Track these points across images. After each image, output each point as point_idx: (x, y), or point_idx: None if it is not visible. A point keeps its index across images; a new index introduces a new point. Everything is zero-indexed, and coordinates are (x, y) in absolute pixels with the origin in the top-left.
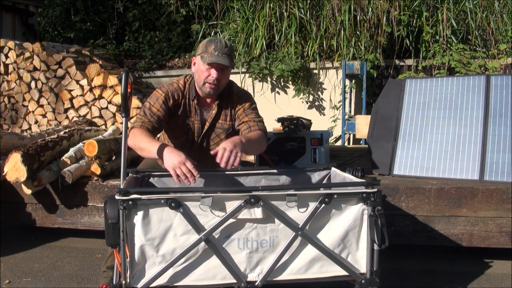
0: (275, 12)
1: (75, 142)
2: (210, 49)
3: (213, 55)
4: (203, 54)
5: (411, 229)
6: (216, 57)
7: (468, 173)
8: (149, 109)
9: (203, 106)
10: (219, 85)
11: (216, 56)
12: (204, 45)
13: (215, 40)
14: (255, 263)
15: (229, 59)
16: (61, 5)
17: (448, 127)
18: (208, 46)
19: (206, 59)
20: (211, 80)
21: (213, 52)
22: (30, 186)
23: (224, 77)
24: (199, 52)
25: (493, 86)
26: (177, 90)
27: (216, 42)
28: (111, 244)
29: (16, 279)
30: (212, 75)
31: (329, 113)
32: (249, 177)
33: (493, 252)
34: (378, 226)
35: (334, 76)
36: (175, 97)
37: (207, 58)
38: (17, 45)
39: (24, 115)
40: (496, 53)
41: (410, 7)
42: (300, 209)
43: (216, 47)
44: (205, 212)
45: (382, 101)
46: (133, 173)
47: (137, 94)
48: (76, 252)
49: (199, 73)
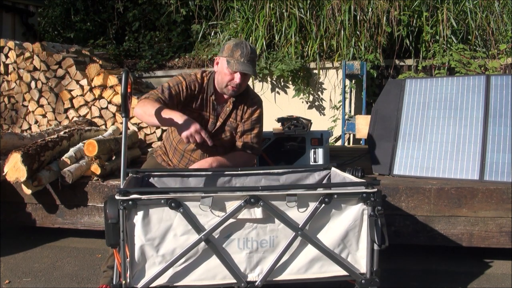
0: (275, 12)
1: (75, 142)
2: (236, 54)
3: (239, 63)
4: (229, 59)
5: (411, 229)
6: (242, 65)
7: (468, 173)
8: (168, 89)
9: (219, 103)
10: (239, 89)
11: (242, 63)
12: (230, 49)
13: (241, 45)
14: (255, 263)
15: (253, 67)
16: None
17: (448, 127)
18: (235, 51)
19: (232, 65)
20: (234, 84)
21: (239, 58)
22: (30, 186)
23: (245, 82)
24: (225, 55)
25: (493, 86)
26: (194, 82)
27: (243, 48)
28: (111, 244)
29: (16, 279)
30: (235, 80)
31: (329, 113)
32: (249, 177)
33: (493, 252)
34: (378, 226)
35: (334, 76)
36: (192, 87)
37: (234, 65)
38: (17, 45)
39: (24, 115)
40: (496, 53)
41: (410, 7)
42: (300, 209)
43: (242, 53)
44: (205, 212)
45: (382, 101)
46: (133, 173)
47: (137, 94)
48: (76, 252)
49: (222, 75)
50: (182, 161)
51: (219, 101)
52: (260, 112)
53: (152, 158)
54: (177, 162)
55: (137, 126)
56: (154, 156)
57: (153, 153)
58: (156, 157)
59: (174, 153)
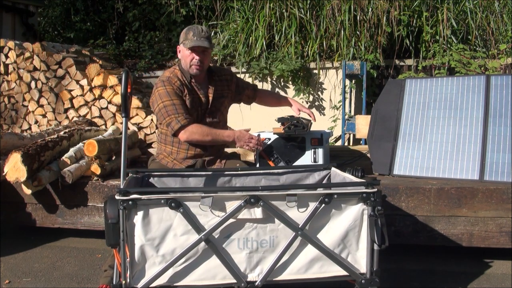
0: (275, 12)
1: (75, 142)
2: (189, 35)
3: (192, 40)
4: (184, 41)
5: (411, 229)
6: (196, 41)
7: (468, 173)
8: (172, 105)
9: (201, 83)
10: (203, 66)
11: (195, 40)
12: (184, 33)
13: (192, 27)
14: (255, 263)
15: (208, 41)
16: (61, 5)
17: (448, 127)
18: (187, 33)
19: (187, 44)
20: (196, 62)
21: (192, 37)
22: (30, 186)
23: (206, 57)
24: (181, 40)
25: (493, 86)
26: (171, 78)
27: (194, 29)
28: (111, 244)
29: (16, 279)
30: (195, 58)
31: (329, 113)
32: (249, 177)
33: (493, 252)
34: (378, 226)
35: (334, 76)
36: (177, 82)
37: (188, 44)
38: (17, 45)
39: (24, 115)
40: (496, 53)
41: (410, 7)
42: (300, 209)
43: (194, 33)
44: (205, 212)
45: (382, 101)
46: (133, 173)
47: (137, 94)
48: (76, 252)
49: (184, 59)
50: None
51: (200, 83)
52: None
53: (155, 163)
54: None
55: (137, 126)
56: (157, 161)
57: (154, 159)
58: (159, 161)
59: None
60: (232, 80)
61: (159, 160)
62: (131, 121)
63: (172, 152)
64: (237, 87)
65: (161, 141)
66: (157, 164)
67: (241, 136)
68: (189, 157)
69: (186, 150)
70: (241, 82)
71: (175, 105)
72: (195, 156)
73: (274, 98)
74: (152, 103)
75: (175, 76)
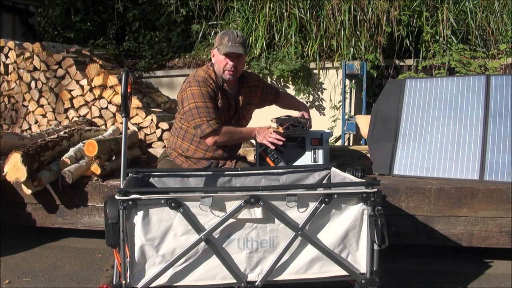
0: (275, 12)
1: (75, 142)
2: (224, 41)
3: (227, 46)
4: (219, 46)
5: (411, 229)
6: (231, 47)
7: (468, 173)
8: (206, 107)
9: (232, 88)
10: (237, 71)
11: (230, 46)
12: (219, 38)
13: (228, 32)
14: (255, 263)
15: (242, 47)
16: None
17: (448, 127)
18: (223, 38)
19: (221, 50)
20: (229, 67)
21: (227, 43)
22: (30, 186)
23: (240, 63)
24: (216, 45)
25: (493, 86)
26: (207, 79)
27: (229, 34)
28: (111, 244)
29: (16, 279)
30: (229, 63)
31: (329, 113)
32: (249, 177)
33: (493, 252)
34: (378, 226)
35: (334, 76)
36: (212, 85)
37: (223, 49)
38: (17, 45)
39: (24, 115)
40: (496, 53)
41: (410, 7)
42: (300, 209)
43: (229, 38)
44: (205, 212)
45: (382, 101)
46: (133, 173)
47: (137, 94)
48: (76, 252)
49: (218, 63)
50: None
51: (231, 87)
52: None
53: (167, 161)
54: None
55: (137, 126)
56: (171, 159)
57: (167, 156)
58: (173, 159)
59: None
60: (259, 86)
61: (173, 158)
62: (131, 121)
63: (189, 149)
64: (262, 93)
65: (178, 136)
66: (170, 163)
67: (261, 131)
68: (206, 158)
69: (204, 151)
70: (266, 87)
71: (208, 108)
72: (213, 158)
73: (292, 103)
74: (181, 100)
75: (210, 77)
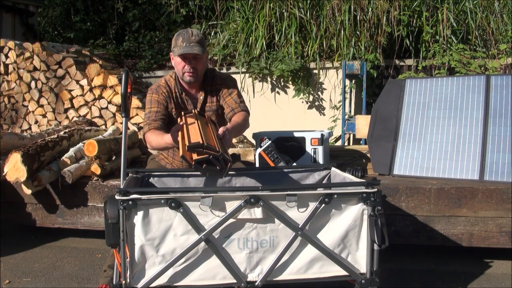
0: (275, 12)
1: (75, 142)
2: (179, 42)
3: (181, 47)
4: (174, 48)
5: (411, 229)
6: (185, 48)
7: (468, 173)
8: (149, 112)
9: (191, 97)
10: (197, 72)
11: (184, 47)
12: (174, 40)
13: (182, 33)
14: (255, 263)
15: (198, 47)
16: (61, 5)
17: (448, 127)
18: (177, 39)
19: (176, 52)
20: (187, 69)
21: (181, 44)
22: (30, 186)
23: (199, 64)
24: (172, 47)
25: (493, 86)
26: (164, 87)
27: (184, 34)
28: (111, 244)
29: (16, 279)
30: (186, 65)
31: (329, 113)
32: (249, 177)
33: (493, 252)
34: (378, 226)
35: (334, 76)
36: (164, 93)
37: (177, 51)
38: (17, 45)
39: (24, 115)
40: (496, 53)
41: (410, 7)
42: (300, 209)
43: (184, 38)
44: (205, 212)
45: (382, 101)
46: (133, 173)
47: (137, 94)
48: (76, 252)
49: (176, 66)
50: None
51: (191, 96)
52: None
53: (154, 162)
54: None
55: (137, 126)
56: (157, 160)
57: (154, 158)
58: (159, 160)
59: (174, 155)
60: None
61: (159, 160)
62: (131, 121)
63: (169, 155)
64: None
65: None
66: (156, 164)
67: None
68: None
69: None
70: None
71: (151, 113)
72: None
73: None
74: None
75: (167, 85)
